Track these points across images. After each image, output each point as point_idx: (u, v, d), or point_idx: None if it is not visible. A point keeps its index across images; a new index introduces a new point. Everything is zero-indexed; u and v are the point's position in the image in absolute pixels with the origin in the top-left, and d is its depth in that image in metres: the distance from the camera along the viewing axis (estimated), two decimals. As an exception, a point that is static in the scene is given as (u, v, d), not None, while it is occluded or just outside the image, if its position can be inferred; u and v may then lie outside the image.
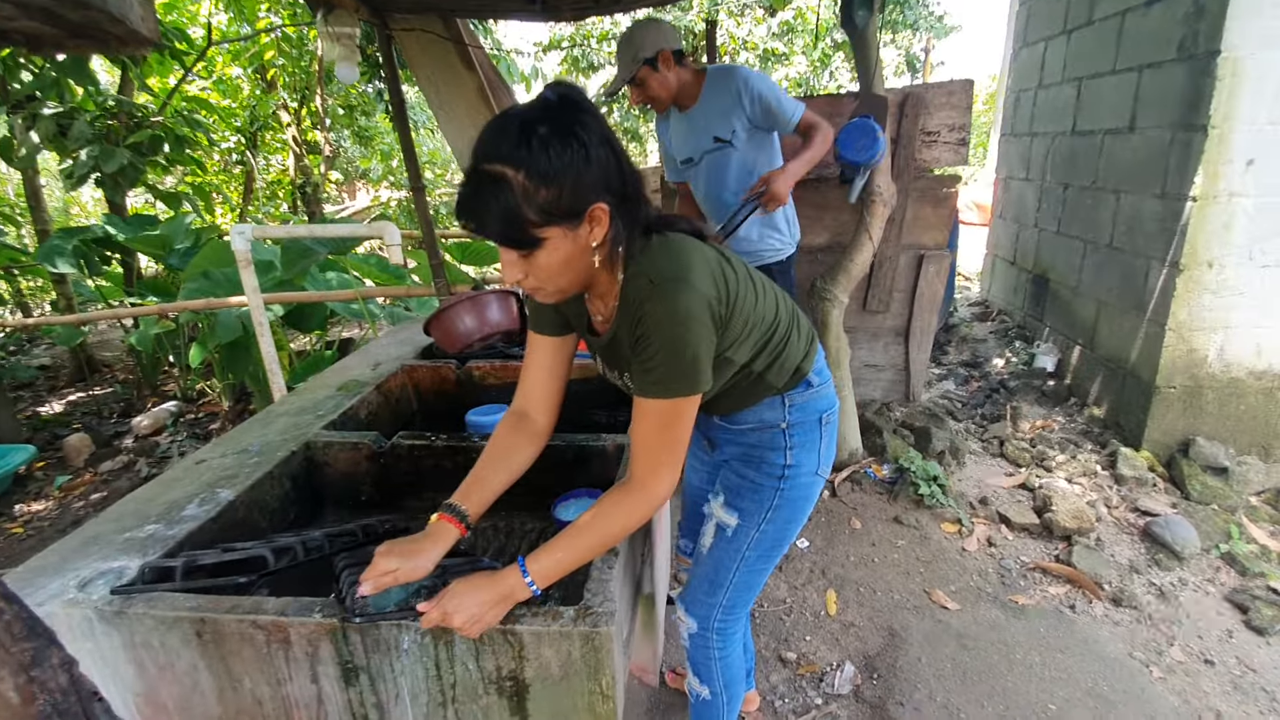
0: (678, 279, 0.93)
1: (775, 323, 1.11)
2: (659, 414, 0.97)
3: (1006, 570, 2.27)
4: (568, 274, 0.92)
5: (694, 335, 0.92)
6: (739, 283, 1.03)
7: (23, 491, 3.29)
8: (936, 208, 3.05)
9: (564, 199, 0.84)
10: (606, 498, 1.00)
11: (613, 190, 0.89)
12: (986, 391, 3.62)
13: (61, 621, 1.01)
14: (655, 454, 0.98)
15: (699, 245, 1.02)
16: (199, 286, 3.28)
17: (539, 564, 0.94)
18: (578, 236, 0.88)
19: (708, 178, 2.31)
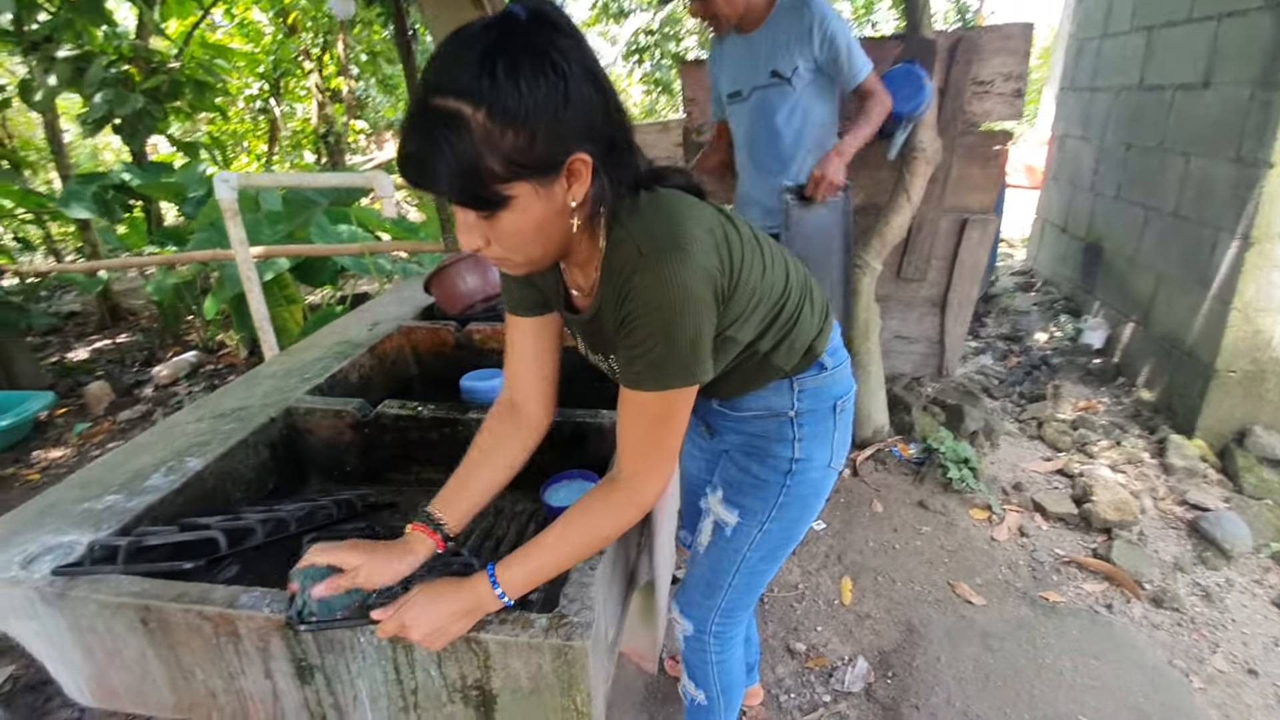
0: (672, 247, 0.76)
1: (785, 295, 0.95)
2: (648, 408, 0.83)
3: (1039, 563, 2.12)
4: (540, 240, 0.76)
5: (692, 316, 0.77)
6: (744, 248, 0.86)
7: (42, 438, 3.32)
8: (985, 167, 2.80)
9: (537, 147, 0.67)
10: (590, 497, 0.87)
11: (598, 137, 0.72)
12: (1026, 368, 3.40)
13: (2, 601, 0.94)
14: (644, 452, 0.85)
15: (696, 204, 0.85)
16: (207, 236, 3.21)
17: (511, 572, 0.83)
18: (552, 194, 0.72)
19: (752, 120, 2.09)
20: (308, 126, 7.73)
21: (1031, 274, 4.89)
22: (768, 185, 2.12)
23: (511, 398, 1.02)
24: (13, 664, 1.83)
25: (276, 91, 7.11)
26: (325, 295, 4.51)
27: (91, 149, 8.40)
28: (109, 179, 4.31)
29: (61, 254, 6.20)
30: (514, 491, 1.37)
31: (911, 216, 2.44)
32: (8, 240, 5.57)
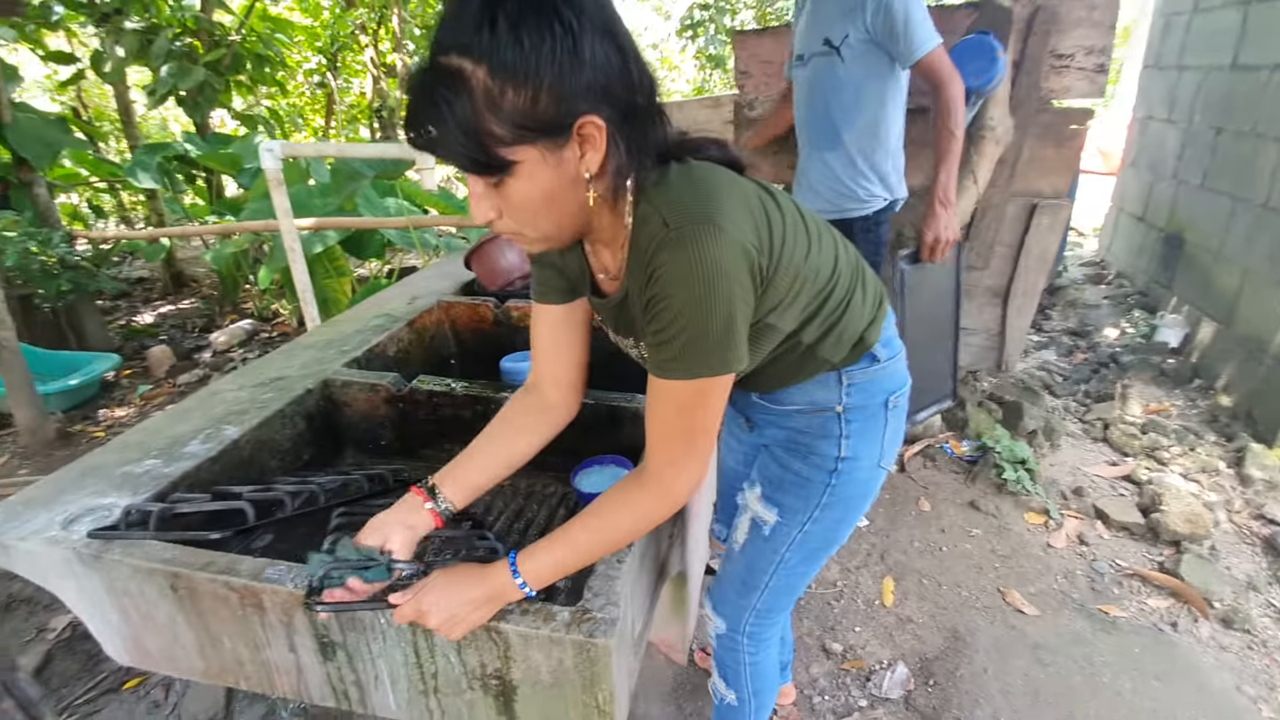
0: (702, 220, 0.69)
1: (833, 280, 0.87)
2: (679, 398, 0.76)
3: (1098, 574, 2.00)
4: (552, 213, 0.70)
5: (724, 296, 0.69)
6: (786, 227, 0.78)
7: (108, 397, 3.48)
8: (1060, 148, 2.61)
9: (541, 106, 0.62)
10: (618, 491, 0.82)
11: (614, 100, 0.65)
12: (1094, 365, 3.20)
13: (43, 559, 0.96)
14: (675, 445, 0.78)
15: (732, 176, 0.77)
16: (260, 207, 3.27)
17: (533, 563, 0.79)
18: (562, 161, 0.66)
19: (809, 90, 1.96)
20: (363, 101, 7.84)
21: (1103, 265, 4.60)
22: (817, 160, 2.00)
23: (536, 381, 0.98)
24: (71, 614, 1.92)
25: (334, 66, 7.21)
26: (373, 268, 4.58)
27: (161, 121, 8.72)
28: (172, 149, 4.45)
29: (133, 222, 6.47)
30: (545, 474, 1.35)
31: (976, 200, 2.29)
32: (82, 208, 5.83)
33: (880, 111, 1.90)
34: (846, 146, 1.93)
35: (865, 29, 1.77)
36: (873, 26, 1.76)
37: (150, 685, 1.70)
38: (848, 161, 1.94)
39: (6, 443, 3.00)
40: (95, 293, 4.03)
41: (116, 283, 4.43)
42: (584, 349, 0.97)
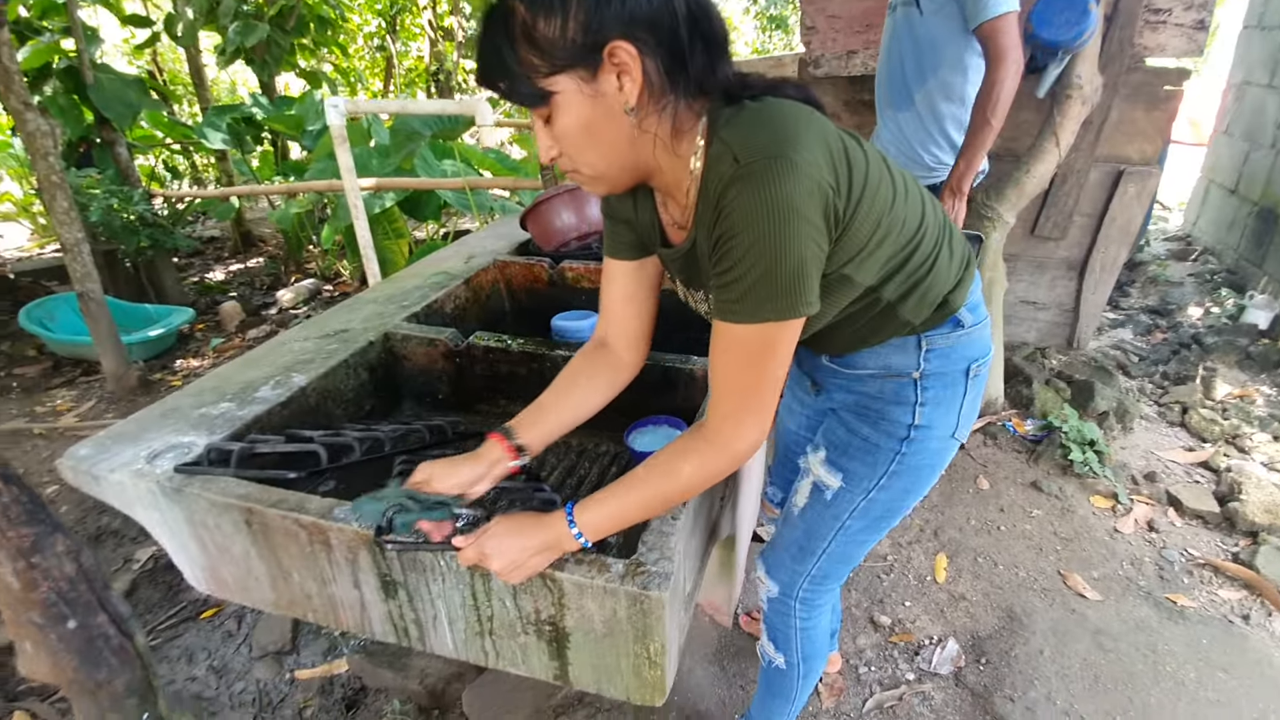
0: (775, 155, 0.64)
1: (919, 236, 0.82)
2: (744, 344, 0.73)
3: (1167, 562, 1.90)
4: (597, 146, 0.71)
5: (796, 236, 0.65)
6: (869, 170, 0.74)
7: (184, 349, 3.67)
8: (1152, 110, 2.42)
9: (570, 34, 0.64)
10: (676, 446, 0.80)
11: (654, 27, 0.65)
12: (1174, 346, 3.01)
13: (130, 490, 1.01)
14: (737, 397, 0.76)
15: (811, 113, 0.71)
16: (324, 167, 3.35)
17: (589, 514, 0.79)
18: (598, 91, 0.67)
19: (888, 40, 1.87)
20: (420, 64, 7.90)
21: (1189, 240, 4.31)
22: (890, 120, 1.91)
23: (603, 337, 0.99)
24: (155, 545, 2.06)
25: (392, 29, 7.27)
26: (430, 230, 4.65)
27: (230, 84, 9.00)
28: (241, 111, 4.58)
29: (204, 183, 6.74)
30: (598, 433, 1.35)
31: (1057, 165, 2.15)
32: (158, 168, 6.09)
33: (954, 75, 1.77)
34: (917, 107, 1.83)
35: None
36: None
37: (224, 616, 1.81)
38: (918, 124, 1.86)
39: (94, 388, 3.21)
40: (171, 250, 4.22)
41: (190, 240, 4.64)
42: (652, 307, 0.98)
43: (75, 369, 3.42)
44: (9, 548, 0.58)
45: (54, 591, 0.61)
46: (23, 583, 0.59)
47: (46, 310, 3.57)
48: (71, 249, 2.80)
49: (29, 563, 0.59)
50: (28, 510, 0.62)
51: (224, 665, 1.67)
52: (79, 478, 1.02)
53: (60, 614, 0.63)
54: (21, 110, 2.62)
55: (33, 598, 0.60)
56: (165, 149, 5.76)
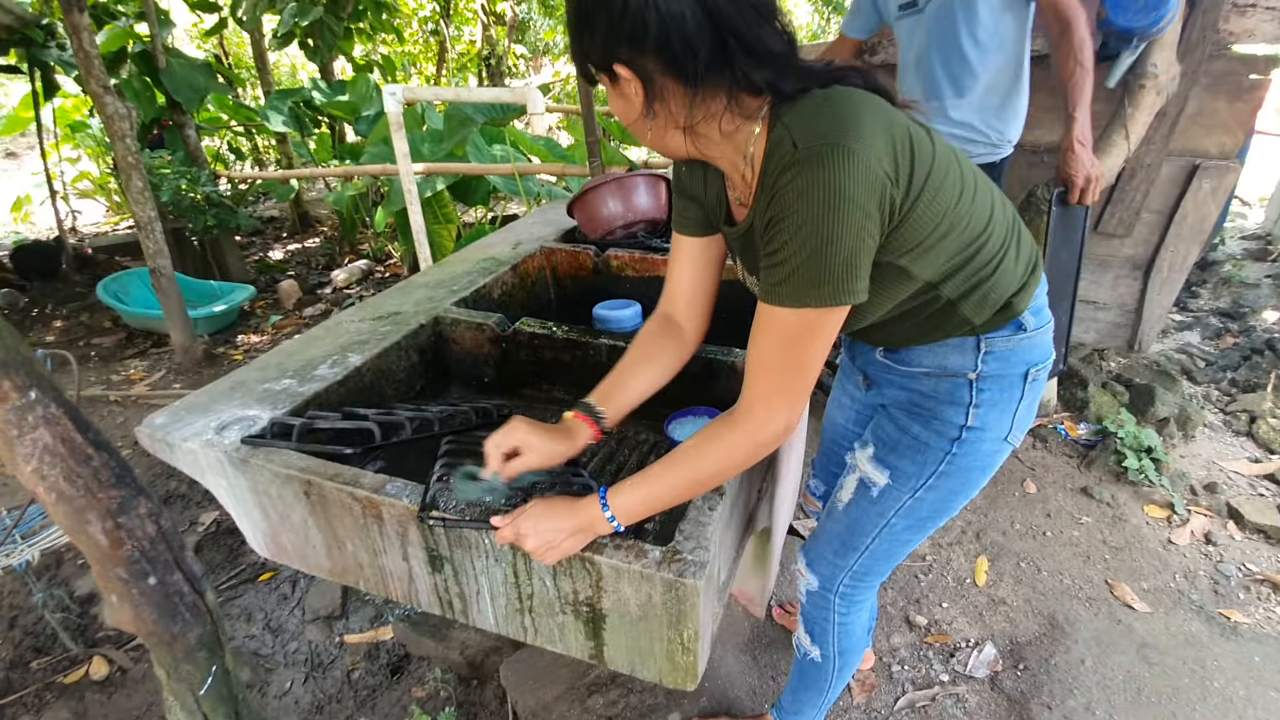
0: (834, 143, 0.66)
1: (986, 234, 0.80)
2: (784, 327, 0.73)
3: (1223, 577, 1.83)
4: (637, 132, 0.80)
5: (847, 224, 0.66)
6: (935, 163, 0.73)
7: (245, 325, 3.84)
8: (1234, 101, 2.28)
9: (594, 51, 0.73)
10: (709, 430, 0.82)
11: (659, 50, 0.69)
12: (1245, 352, 2.86)
13: (201, 459, 1.08)
14: (772, 381, 0.76)
15: (877, 101, 0.73)
16: (379, 152, 3.44)
17: (622, 499, 0.81)
18: (623, 94, 0.75)
19: (928, 35, 1.78)
20: (472, 49, 7.99)
21: (1269, 240, 4.06)
22: (937, 112, 1.83)
23: (668, 312, 1.02)
24: (217, 510, 2.18)
25: (446, 13, 7.36)
26: (478, 215, 4.74)
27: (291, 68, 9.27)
28: (301, 94, 4.73)
29: (265, 165, 6.99)
30: (637, 421, 1.37)
31: (1126, 158, 2.06)
32: (223, 150, 6.34)
33: (1016, 48, 1.74)
34: (979, 87, 1.77)
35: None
36: None
37: (280, 580, 1.91)
38: (979, 104, 1.79)
39: (163, 359, 3.40)
40: (235, 229, 4.41)
41: (252, 220, 4.83)
42: (715, 286, 1.01)
43: (146, 341, 3.62)
44: (99, 508, 0.63)
45: (137, 550, 0.67)
46: (111, 541, 0.64)
47: (121, 284, 3.78)
48: (145, 227, 2.96)
49: (116, 523, 0.64)
50: (116, 474, 0.67)
51: (279, 626, 1.77)
52: (155, 445, 1.10)
53: (142, 570, 0.69)
54: (101, 94, 2.77)
55: (119, 555, 0.65)
56: (230, 131, 5.99)
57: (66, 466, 0.61)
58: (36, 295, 4.25)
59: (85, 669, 1.65)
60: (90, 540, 0.64)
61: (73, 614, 1.80)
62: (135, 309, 3.63)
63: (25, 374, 0.58)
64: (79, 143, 5.85)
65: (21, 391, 0.58)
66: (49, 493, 0.61)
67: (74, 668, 1.65)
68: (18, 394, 0.58)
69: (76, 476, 0.61)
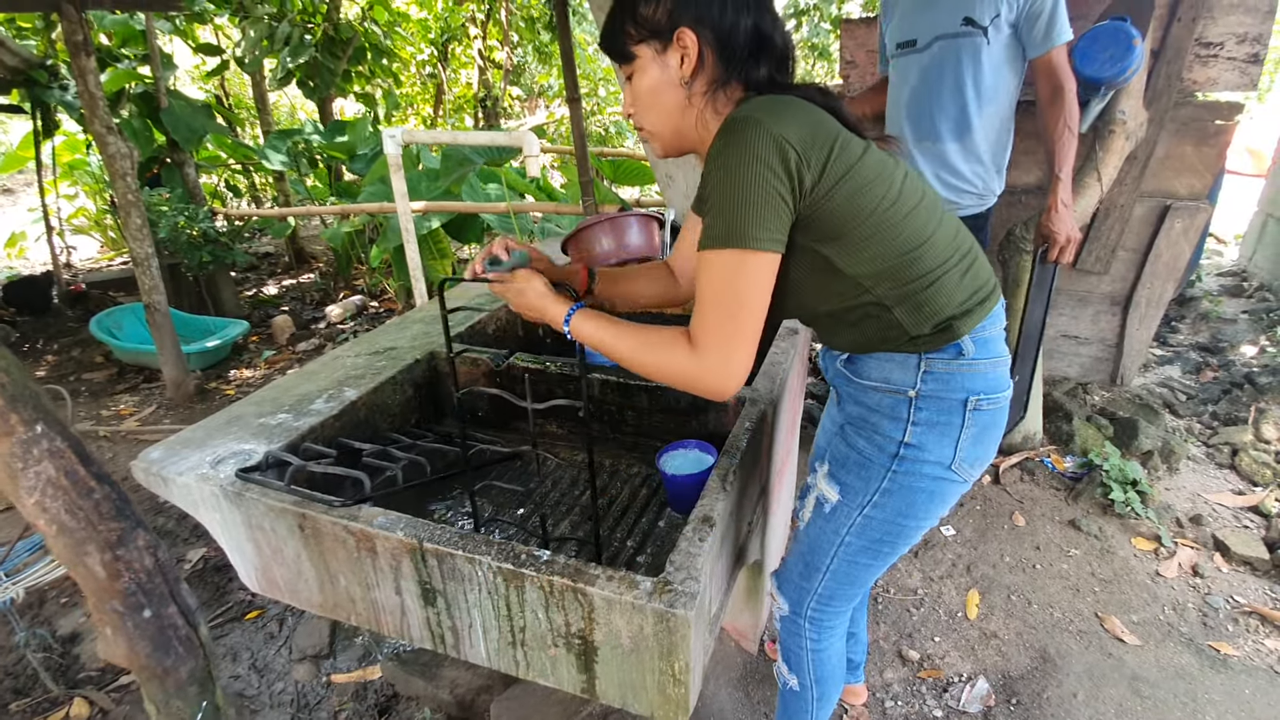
0: (748, 116, 0.81)
1: (921, 248, 0.87)
2: (715, 268, 0.82)
3: (1212, 609, 1.84)
4: (658, 106, 0.92)
5: (753, 172, 0.79)
6: (863, 163, 0.84)
7: (238, 359, 3.85)
8: (1201, 145, 2.39)
9: (657, 13, 0.87)
10: (669, 331, 0.88)
11: (714, 25, 0.86)
12: (1224, 385, 2.92)
13: (195, 493, 1.09)
14: (711, 318, 0.83)
15: (815, 109, 0.85)
16: (375, 191, 3.51)
17: (583, 322, 0.93)
18: (666, 63, 0.89)
19: (925, 75, 1.83)
20: (468, 91, 8.19)
21: (1244, 276, 4.17)
22: (929, 153, 1.87)
23: (672, 265, 1.18)
24: (206, 546, 2.16)
25: (444, 57, 7.57)
26: (473, 250, 4.80)
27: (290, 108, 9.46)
28: (300, 134, 4.82)
29: (262, 202, 7.08)
30: (630, 455, 1.40)
31: (1100, 199, 2.14)
32: (220, 187, 6.43)
33: (1009, 101, 1.82)
34: (974, 137, 1.81)
35: (1015, 9, 1.69)
36: (1019, 9, 1.68)
37: (267, 618, 1.89)
38: (970, 153, 1.83)
39: (154, 395, 3.39)
40: (230, 264, 4.45)
41: (248, 256, 4.88)
42: None
43: (138, 376, 3.62)
44: (99, 540, 0.64)
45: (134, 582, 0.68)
46: (109, 573, 0.65)
47: (115, 320, 3.79)
48: (142, 263, 2.99)
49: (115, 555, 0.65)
50: (116, 506, 0.68)
51: (265, 665, 1.75)
52: (150, 479, 1.11)
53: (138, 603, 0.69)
54: (104, 134, 2.83)
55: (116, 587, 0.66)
56: (227, 169, 6.08)
57: (69, 499, 0.62)
58: (28, 330, 4.25)
59: (66, 710, 1.61)
60: (88, 572, 0.65)
61: (55, 654, 1.76)
62: (128, 344, 3.63)
63: (33, 408, 0.60)
64: (76, 179, 5.92)
65: (28, 425, 0.59)
66: (50, 525, 0.62)
67: (54, 709, 1.62)
68: (24, 428, 0.60)
69: (78, 509, 0.62)
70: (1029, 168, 2.56)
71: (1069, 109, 1.72)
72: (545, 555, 0.89)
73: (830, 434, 1.22)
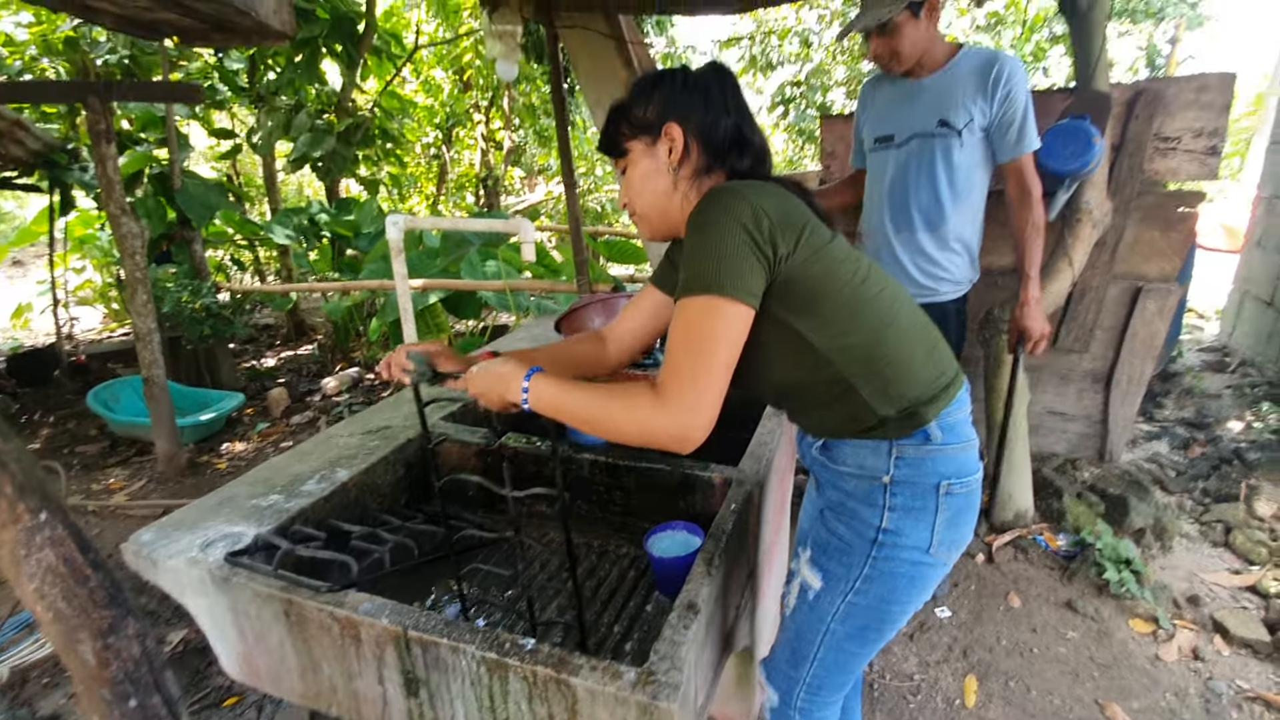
0: (732, 188, 0.90)
1: (885, 328, 0.93)
2: (687, 315, 0.86)
3: (1214, 694, 1.80)
4: (650, 194, 1.01)
5: (728, 229, 0.85)
6: (832, 246, 0.92)
7: (231, 432, 3.85)
8: (1167, 231, 2.50)
9: (648, 113, 0.99)
10: (634, 389, 0.89)
11: (698, 121, 0.97)
12: (1214, 461, 2.94)
13: (184, 576, 1.09)
14: (680, 363, 0.85)
15: (785, 191, 0.94)
16: (377, 268, 3.62)
17: (539, 388, 0.93)
18: (655, 154, 0.99)
19: (902, 169, 1.92)
20: (471, 171, 8.55)
21: (1226, 352, 4.26)
22: (906, 243, 1.95)
23: (606, 334, 1.23)
24: (186, 629, 2.11)
25: (448, 140, 7.95)
26: (469, 326, 4.89)
27: (298, 185, 9.82)
28: (307, 212, 5.01)
29: (264, 276, 7.24)
30: (618, 535, 1.41)
31: (1072, 283, 2.23)
32: (225, 261, 6.59)
33: (981, 195, 1.93)
34: (949, 229, 1.91)
35: (988, 116, 1.80)
36: (992, 117, 1.80)
37: (245, 705, 1.83)
38: (943, 245, 1.92)
39: (145, 468, 3.37)
40: (230, 337, 4.52)
41: (248, 329, 4.95)
42: (654, 331, 1.21)
43: (130, 449, 3.61)
44: (91, 628, 0.65)
45: (122, 671, 0.68)
46: (99, 661, 0.66)
47: (112, 393, 3.81)
48: (144, 338, 3.04)
49: (105, 643, 0.66)
50: (110, 594, 0.69)
51: (239, 758, 1.68)
52: (139, 562, 1.11)
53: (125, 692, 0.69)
54: (119, 215, 2.94)
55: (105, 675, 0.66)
56: (233, 244, 6.27)
57: (66, 586, 0.63)
58: (28, 401, 4.26)
59: (27, 808, 1.54)
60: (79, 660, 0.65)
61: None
62: (122, 417, 3.64)
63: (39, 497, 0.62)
64: (86, 253, 6.08)
65: (34, 514, 0.61)
66: (47, 611, 0.63)
67: (15, 807, 1.54)
68: (30, 516, 0.62)
69: (74, 596, 0.63)
70: (1004, 251, 2.67)
71: (1035, 212, 1.84)
72: (530, 644, 0.89)
73: (812, 517, 1.24)
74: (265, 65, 4.73)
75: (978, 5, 7.41)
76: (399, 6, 6.81)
